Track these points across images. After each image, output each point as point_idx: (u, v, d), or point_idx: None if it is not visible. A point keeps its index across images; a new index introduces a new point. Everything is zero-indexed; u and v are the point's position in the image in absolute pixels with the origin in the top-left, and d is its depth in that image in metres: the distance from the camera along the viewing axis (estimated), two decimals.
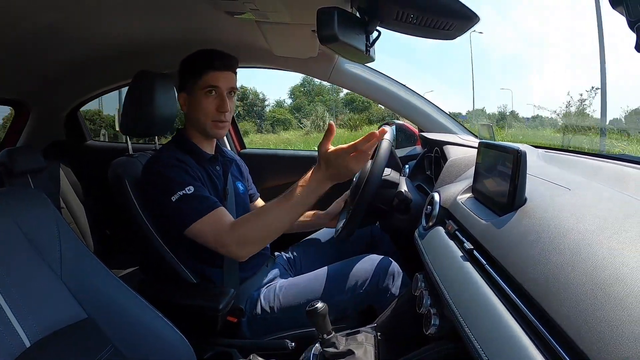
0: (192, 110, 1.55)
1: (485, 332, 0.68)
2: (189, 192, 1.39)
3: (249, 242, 1.40)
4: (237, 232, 1.38)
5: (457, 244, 1.00)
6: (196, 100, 1.53)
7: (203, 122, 1.54)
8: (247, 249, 1.41)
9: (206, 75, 1.50)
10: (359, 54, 1.18)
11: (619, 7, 0.40)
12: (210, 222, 1.39)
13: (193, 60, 1.54)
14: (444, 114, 2.05)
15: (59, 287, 1.01)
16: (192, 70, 1.53)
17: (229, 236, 1.38)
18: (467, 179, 1.26)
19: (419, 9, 0.98)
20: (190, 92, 1.54)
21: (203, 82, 1.50)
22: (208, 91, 1.51)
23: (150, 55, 1.96)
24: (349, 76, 2.04)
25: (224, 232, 1.38)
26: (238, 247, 1.39)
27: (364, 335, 1.23)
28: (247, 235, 1.39)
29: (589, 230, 0.67)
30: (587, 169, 1.11)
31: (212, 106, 1.52)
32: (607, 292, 0.54)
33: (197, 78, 1.51)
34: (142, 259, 1.53)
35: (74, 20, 1.50)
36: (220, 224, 1.40)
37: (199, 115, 1.54)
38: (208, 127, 1.55)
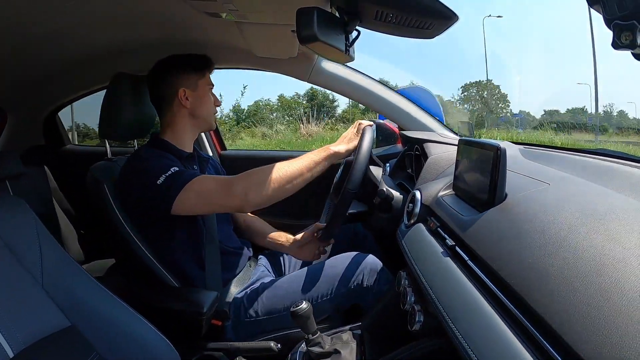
0: (199, 103, 1.60)
1: (469, 326, 0.69)
2: (173, 172, 1.37)
3: (258, 184, 1.35)
4: (244, 176, 1.37)
5: (439, 240, 1.01)
6: (204, 94, 1.62)
7: (209, 113, 1.66)
8: (255, 192, 1.35)
9: (207, 73, 1.64)
10: (338, 54, 1.19)
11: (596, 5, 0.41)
12: (209, 178, 1.45)
13: (193, 58, 1.62)
14: (424, 111, 2.06)
15: (41, 295, 0.99)
16: (194, 68, 1.60)
17: (235, 181, 1.36)
18: (448, 176, 1.28)
19: (398, 8, 0.99)
20: (196, 87, 1.59)
21: (206, 80, 1.63)
22: (210, 87, 1.65)
23: (129, 57, 1.93)
24: (328, 76, 2.04)
25: (229, 179, 1.38)
26: (246, 190, 1.35)
27: (349, 334, 1.24)
28: (255, 179, 1.36)
29: (569, 224, 0.69)
30: (566, 164, 1.13)
31: (212, 100, 1.67)
32: (587, 284, 0.55)
33: (201, 75, 1.62)
34: (122, 264, 1.51)
35: (50, 23, 1.47)
36: (218, 179, 1.44)
37: (208, 107, 1.65)
38: (212, 119, 1.68)
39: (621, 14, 0.39)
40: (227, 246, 1.60)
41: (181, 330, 1.30)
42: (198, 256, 1.50)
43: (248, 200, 1.35)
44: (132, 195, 1.44)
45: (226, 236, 1.65)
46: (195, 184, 1.36)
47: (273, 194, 1.36)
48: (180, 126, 1.61)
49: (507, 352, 0.58)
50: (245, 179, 1.36)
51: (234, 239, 1.71)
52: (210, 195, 1.37)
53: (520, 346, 0.58)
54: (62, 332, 0.98)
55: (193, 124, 1.63)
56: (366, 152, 1.39)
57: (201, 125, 1.67)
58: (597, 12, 0.41)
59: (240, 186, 1.35)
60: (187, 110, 1.59)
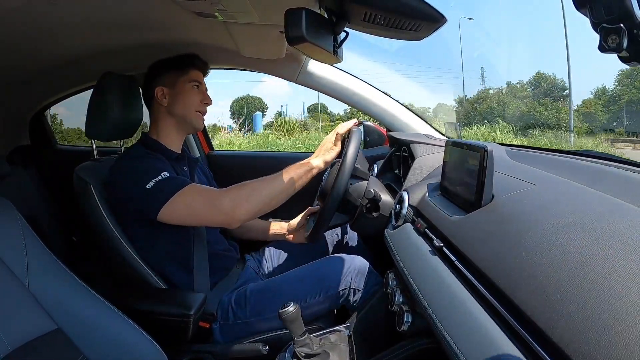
0: (175, 101, 1.58)
1: (457, 326, 0.69)
2: (164, 177, 1.37)
3: (244, 200, 1.37)
4: (231, 192, 1.38)
5: (426, 241, 1.02)
6: (182, 92, 1.58)
7: (188, 112, 1.59)
8: (241, 209, 1.37)
9: (192, 71, 1.61)
10: (326, 55, 1.19)
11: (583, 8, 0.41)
12: (198, 190, 1.41)
13: (174, 59, 1.62)
14: (412, 113, 2.07)
15: (26, 297, 0.98)
16: (176, 66, 1.59)
17: (223, 196, 1.37)
18: (435, 177, 1.28)
19: (387, 10, 0.99)
20: (173, 85, 1.57)
21: (189, 76, 1.60)
22: (194, 85, 1.60)
23: (116, 56, 1.92)
24: (316, 77, 2.04)
25: (216, 193, 1.39)
26: (233, 206, 1.37)
27: (337, 335, 1.23)
28: (242, 194, 1.38)
29: (555, 224, 0.69)
30: (552, 165, 1.14)
31: (197, 98, 1.60)
32: (574, 284, 0.55)
33: (182, 72, 1.59)
34: (108, 265, 1.49)
35: (36, 22, 1.45)
36: (206, 191, 1.41)
37: (185, 105, 1.59)
38: (192, 118, 1.61)
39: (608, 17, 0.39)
40: (215, 248, 1.60)
41: (169, 332, 1.29)
42: (186, 258, 1.50)
43: (234, 217, 1.38)
44: (120, 195, 1.43)
45: (214, 238, 1.64)
46: (183, 196, 1.36)
47: (258, 211, 1.41)
48: (163, 126, 1.60)
49: (495, 352, 0.59)
50: (233, 195, 1.38)
51: (222, 241, 1.71)
52: (197, 208, 1.38)
53: (508, 345, 0.58)
54: (48, 335, 0.97)
55: (174, 124, 1.60)
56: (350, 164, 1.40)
57: (181, 125, 1.61)
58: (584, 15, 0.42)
59: (227, 202, 1.36)
60: (165, 109, 1.59)
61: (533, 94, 20.65)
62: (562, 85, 19.97)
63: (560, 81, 20.18)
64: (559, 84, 20.73)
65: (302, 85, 2.14)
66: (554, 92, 19.82)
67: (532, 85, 21.17)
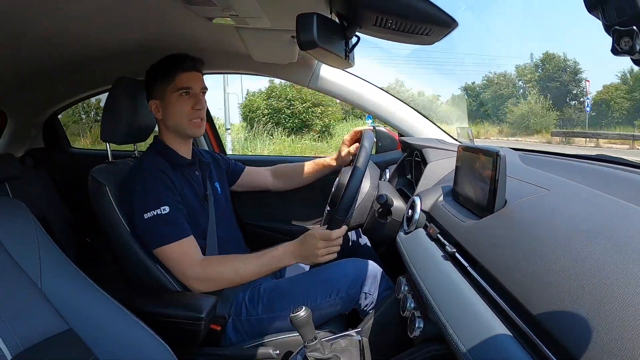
0: (167, 114, 1.56)
1: (469, 333, 0.69)
2: (162, 213, 1.42)
3: (212, 281, 1.45)
4: (205, 269, 1.44)
5: (438, 246, 1.01)
6: (170, 103, 1.54)
7: (180, 123, 1.55)
8: (206, 286, 1.45)
9: (177, 77, 1.53)
10: (338, 60, 1.19)
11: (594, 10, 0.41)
12: (176, 251, 1.43)
13: (160, 66, 1.56)
14: (424, 118, 2.07)
15: (39, 298, 0.99)
16: (161, 75, 1.54)
17: (195, 270, 1.43)
18: (448, 182, 1.28)
19: (398, 15, 0.99)
20: (163, 97, 1.55)
21: (175, 85, 1.53)
22: (182, 93, 1.53)
23: (130, 61, 1.94)
24: (328, 82, 2.04)
25: (190, 265, 1.43)
26: (199, 282, 1.45)
27: (348, 340, 1.23)
28: (213, 275, 1.45)
29: (569, 230, 0.69)
30: (566, 169, 1.13)
31: (187, 106, 1.54)
32: (587, 291, 0.55)
33: (169, 82, 1.53)
34: (122, 267, 1.50)
35: (50, 27, 1.47)
36: (187, 256, 1.44)
37: (176, 117, 1.55)
38: (186, 127, 1.56)
39: (620, 19, 0.39)
40: (228, 249, 1.60)
41: (180, 335, 1.30)
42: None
43: (194, 288, 1.45)
44: (127, 208, 1.46)
45: (228, 240, 1.66)
46: (168, 249, 1.43)
47: (218, 289, 1.47)
48: (166, 137, 1.61)
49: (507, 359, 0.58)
50: (204, 272, 1.45)
51: (236, 243, 1.72)
52: (172, 265, 1.45)
53: (521, 353, 0.58)
54: (60, 336, 0.97)
55: (173, 135, 1.60)
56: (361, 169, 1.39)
57: (180, 135, 1.60)
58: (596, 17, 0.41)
59: (195, 277, 1.44)
60: (161, 121, 1.60)
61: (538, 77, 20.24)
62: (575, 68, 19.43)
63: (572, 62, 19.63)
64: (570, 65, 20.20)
65: (314, 90, 2.14)
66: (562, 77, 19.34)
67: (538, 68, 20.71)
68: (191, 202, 1.54)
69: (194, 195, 1.57)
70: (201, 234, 1.55)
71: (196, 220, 1.53)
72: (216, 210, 1.64)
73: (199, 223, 1.55)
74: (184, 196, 1.52)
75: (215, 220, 1.62)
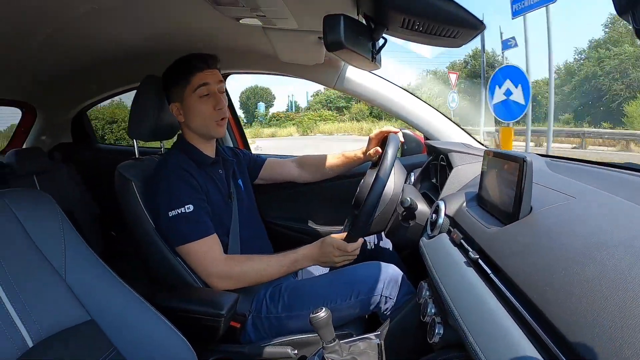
0: (189, 116, 1.57)
1: (489, 341, 0.68)
2: (187, 211, 1.43)
3: (234, 279, 1.47)
4: (228, 267, 1.47)
5: (462, 252, 1.00)
6: (191, 105, 1.54)
7: (204, 125, 1.56)
8: (228, 284, 1.47)
9: (193, 78, 1.53)
10: (365, 61, 1.18)
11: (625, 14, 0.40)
12: (199, 249, 1.45)
13: (174, 69, 1.57)
14: (450, 121, 2.05)
15: (63, 288, 1.01)
16: (177, 78, 1.55)
17: (217, 268, 1.45)
18: (473, 187, 1.26)
19: (426, 17, 0.98)
20: (183, 100, 1.55)
21: (192, 86, 1.53)
22: (202, 94, 1.53)
23: (158, 60, 1.96)
24: (354, 84, 2.04)
25: (213, 262, 1.45)
26: (221, 280, 1.46)
27: (367, 343, 1.22)
28: (236, 274, 1.47)
29: (594, 240, 0.67)
30: (593, 177, 1.10)
31: (208, 108, 1.54)
32: (611, 303, 0.53)
33: (186, 84, 1.53)
34: (146, 261, 1.52)
35: (80, 25, 1.50)
36: (209, 254, 1.46)
37: (198, 119, 1.56)
38: (211, 129, 1.57)
39: None
40: (250, 247, 1.62)
41: (200, 330, 1.31)
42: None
43: (216, 286, 1.47)
44: (152, 205, 1.48)
45: (251, 238, 1.67)
46: (192, 246, 1.45)
47: (238, 287, 1.48)
48: (190, 137, 1.62)
49: None
50: (228, 270, 1.47)
51: (259, 242, 1.73)
52: (195, 262, 1.47)
53: None
54: (81, 326, 0.99)
55: (197, 136, 1.61)
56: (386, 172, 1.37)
57: (203, 136, 1.61)
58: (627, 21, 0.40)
59: (217, 274, 1.46)
60: (184, 124, 1.61)
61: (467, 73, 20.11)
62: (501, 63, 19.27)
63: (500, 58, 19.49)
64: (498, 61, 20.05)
65: (341, 91, 2.14)
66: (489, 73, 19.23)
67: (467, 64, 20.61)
68: (215, 200, 1.55)
69: (218, 194, 1.58)
70: (225, 231, 1.56)
71: (220, 219, 1.55)
72: (239, 208, 1.66)
73: (223, 221, 1.57)
74: (209, 195, 1.53)
75: (238, 218, 1.63)
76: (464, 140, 1.98)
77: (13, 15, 1.33)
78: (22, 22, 1.41)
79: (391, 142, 1.44)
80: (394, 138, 1.47)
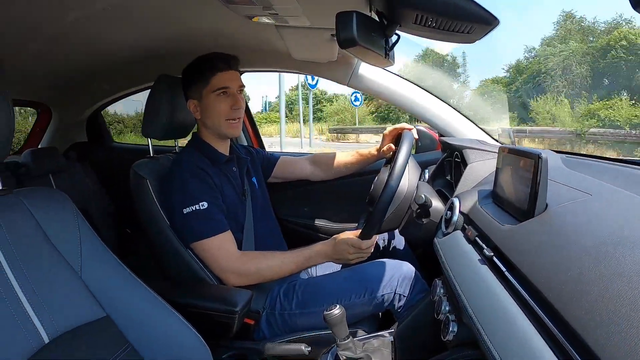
0: (205, 114, 1.58)
1: (503, 339, 0.67)
2: (201, 208, 1.45)
3: (249, 276, 1.48)
4: (243, 264, 1.47)
5: (476, 250, 0.99)
6: (209, 103, 1.56)
7: (218, 123, 1.57)
8: (242, 280, 1.48)
9: (214, 78, 1.54)
10: (378, 58, 1.18)
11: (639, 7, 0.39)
12: (213, 245, 1.46)
13: (196, 67, 1.57)
14: (465, 118, 2.03)
15: (79, 285, 1.02)
16: (198, 76, 1.56)
17: (231, 264, 1.46)
18: (488, 184, 1.25)
19: (439, 12, 0.97)
20: (201, 98, 1.57)
21: (212, 86, 1.54)
22: (220, 93, 1.55)
23: (171, 59, 1.97)
24: (368, 80, 2.03)
25: (227, 259, 1.46)
26: (235, 276, 1.47)
27: (381, 340, 1.23)
28: (250, 271, 1.48)
29: (610, 238, 0.66)
30: (610, 174, 1.09)
31: (225, 106, 1.55)
32: (626, 302, 0.53)
33: (206, 83, 1.54)
34: (160, 258, 1.54)
35: (94, 26, 1.52)
36: (223, 250, 1.47)
37: (214, 117, 1.57)
38: (223, 127, 1.58)
39: None
40: (265, 244, 1.63)
41: (213, 327, 1.32)
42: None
43: (230, 282, 1.48)
44: (167, 203, 1.50)
45: (265, 235, 1.68)
46: (206, 243, 1.46)
47: (252, 284, 1.49)
48: (205, 135, 1.63)
49: None
50: (242, 267, 1.47)
51: (273, 239, 1.74)
52: (209, 259, 1.48)
53: None
54: (97, 322, 1.00)
55: (211, 134, 1.62)
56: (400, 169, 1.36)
57: (218, 134, 1.62)
58: None
59: (232, 270, 1.47)
60: (200, 121, 1.63)
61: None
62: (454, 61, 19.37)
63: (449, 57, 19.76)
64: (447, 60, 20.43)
65: (354, 88, 2.13)
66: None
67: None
68: (230, 197, 1.56)
69: (233, 191, 1.59)
70: (239, 228, 1.57)
71: (235, 216, 1.56)
72: (253, 206, 1.66)
73: (238, 218, 1.58)
74: (223, 192, 1.54)
75: (252, 215, 1.64)
76: (479, 136, 1.97)
77: (28, 17, 1.35)
78: (37, 24, 1.43)
79: (405, 139, 1.43)
80: (408, 135, 1.46)
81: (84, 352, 0.95)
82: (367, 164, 1.91)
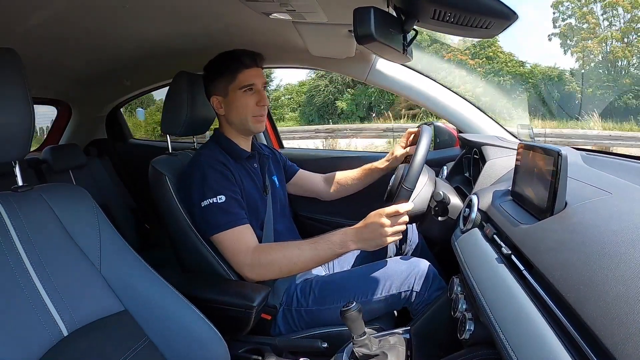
0: (230, 110, 1.58)
1: (520, 339, 0.67)
2: (219, 201, 1.44)
3: (265, 268, 1.43)
4: (258, 256, 1.43)
5: (494, 248, 0.98)
6: (234, 99, 1.55)
7: (244, 119, 1.57)
8: (259, 273, 1.44)
9: (240, 74, 1.54)
10: (396, 54, 1.17)
11: None
12: (229, 238, 1.45)
13: (220, 63, 1.57)
14: (484, 114, 2.01)
15: (98, 279, 1.04)
16: (222, 72, 1.56)
17: (248, 257, 1.43)
18: (506, 182, 1.24)
19: (457, 7, 0.96)
20: (226, 94, 1.57)
21: (239, 82, 1.54)
22: (246, 90, 1.54)
23: (189, 56, 1.99)
24: (386, 76, 2.02)
25: (243, 252, 1.44)
26: (252, 269, 1.43)
27: (397, 338, 1.22)
28: (266, 262, 1.43)
29: (631, 237, 0.65)
30: (631, 172, 1.07)
31: (251, 103, 1.56)
32: None
33: (232, 79, 1.54)
34: (179, 253, 1.55)
35: (113, 24, 1.54)
36: (240, 243, 1.45)
37: (239, 113, 1.57)
38: (249, 123, 1.58)
39: None
40: (283, 239, 1.63)
41: (230, 322, 1.33)
42: None
43: (247, 276, 1.45)
44: (185, 196, 1.51)
45: (284, 232, 1.69)
46: (223, 236, 1.45)
47: (270, 278, 1.47)
48: (227, 131, 1.64)
49: None
50: (257, 259, 1.43)
51: (292, 237, 1.74)
52: (227, 252, 1.46)
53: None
54: (115, 316, 1.02)
55: (235, 130, 1.62)
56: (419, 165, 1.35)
57: (241, 131, 1.62)
58: None
59: (248, 263, 1.44)
60: (223, 117, 1.62)
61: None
62: None
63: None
64: None
65: (372, 84, 2.13)
66: None
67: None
68: (251, 193, 1.57)
69: (254, 187, 1.60)
70: (259, 224, 1.58)
71: (256, 212, 1.57)
72: (273, 203, 1.67)
73: (259, 214, 1.59)
74: (244, 188, 1.55)
75: (272, 212, 1.64)
76: (498, 133, 1.95)
77: (48, 16, 1.37)
78: (58, 23, 1.45)
79: (424, 132, 1.42)
80: (426, 129, 1.45)
81: (103, 345, 0.97)
82: (373, 179, 1.92)
